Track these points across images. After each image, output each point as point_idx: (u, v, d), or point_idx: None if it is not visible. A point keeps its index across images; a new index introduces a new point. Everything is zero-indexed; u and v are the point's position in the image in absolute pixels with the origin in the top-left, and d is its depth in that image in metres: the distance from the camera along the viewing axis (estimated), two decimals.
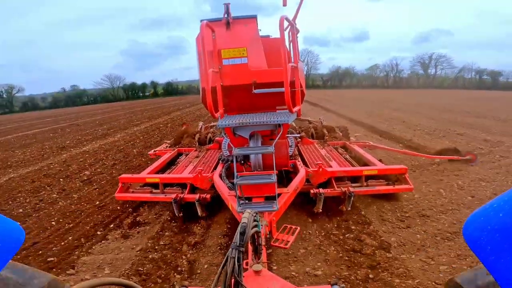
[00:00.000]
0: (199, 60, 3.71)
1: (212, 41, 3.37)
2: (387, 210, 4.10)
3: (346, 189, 3.92)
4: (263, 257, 2.14)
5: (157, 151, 6.59)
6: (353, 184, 4.18)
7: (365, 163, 4.82)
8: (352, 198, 3.85)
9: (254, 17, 3.80)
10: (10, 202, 5.37)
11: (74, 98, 55.87)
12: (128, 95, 60.06)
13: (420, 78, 55.90)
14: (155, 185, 4.45)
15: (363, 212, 4.03)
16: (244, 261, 1.95)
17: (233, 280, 1.48)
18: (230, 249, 1.54)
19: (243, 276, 1.53)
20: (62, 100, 55.52)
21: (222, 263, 1.53)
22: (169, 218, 4.15)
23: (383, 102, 21.35)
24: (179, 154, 6.26)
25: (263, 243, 2.24)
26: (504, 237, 0.57)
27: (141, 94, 61.24)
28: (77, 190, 5.78)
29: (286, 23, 3.59)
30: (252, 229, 1.69)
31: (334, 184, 4.09)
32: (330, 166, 4.49)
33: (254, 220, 1.76)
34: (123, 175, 4.61)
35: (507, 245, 0.56)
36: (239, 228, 1.62)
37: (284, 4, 3.24)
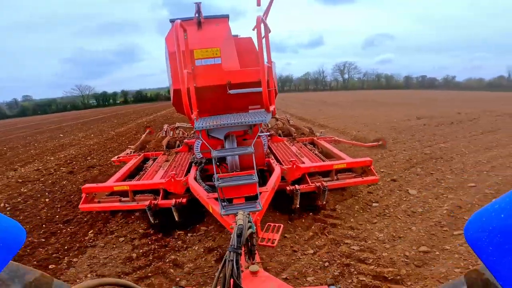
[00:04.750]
0: (170, 61, 3.56)
1: (184, 41, 3.26)
2: None
3: (320, 183, 4.07)
4: (256, 257, 2.14)
5: (121, 157, 6.18)
6: (325, 178, 4.36)
7: (333, 157, 5.05)
8: (326, 192, 4.02)
9: (226, 17, 3.75)
10: None
11: (43, 107, 56.70)
12: (99, 102, 64.19)
13: (339, 82, 73.02)
14: (123, 193, 4.19)
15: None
16: None
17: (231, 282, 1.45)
18: (228, 252, 1.51)
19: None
20: (30, 108, 56.22)
21: (220, 266, 1.49)
22: None
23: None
24: (146, 159, 5.96)
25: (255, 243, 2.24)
26: (506, 238, 0.56)
27: (111, 102, 64.97)
28: None
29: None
30: (247, 230, 1.69)
31: (308, 180, 4.23)
32: (303, 162, 4.63)
33: (248, 221, 1.75)
34: (86, 185, 4.23)
35: (509, 246, 0.55)
36: (235, 230, 1.59)
37: (258, 4, 3.26)
